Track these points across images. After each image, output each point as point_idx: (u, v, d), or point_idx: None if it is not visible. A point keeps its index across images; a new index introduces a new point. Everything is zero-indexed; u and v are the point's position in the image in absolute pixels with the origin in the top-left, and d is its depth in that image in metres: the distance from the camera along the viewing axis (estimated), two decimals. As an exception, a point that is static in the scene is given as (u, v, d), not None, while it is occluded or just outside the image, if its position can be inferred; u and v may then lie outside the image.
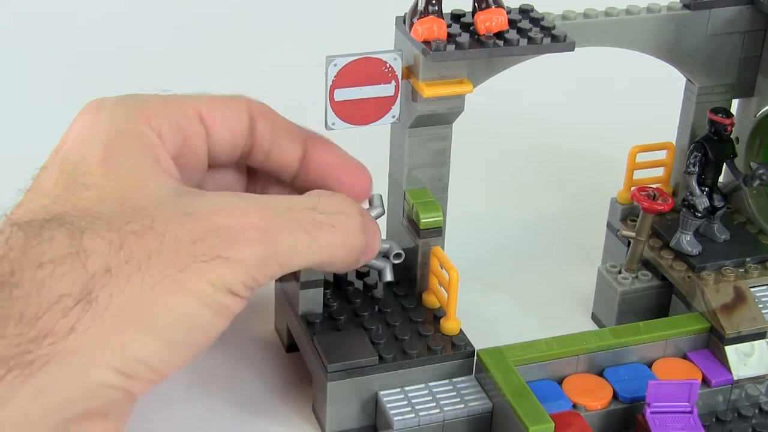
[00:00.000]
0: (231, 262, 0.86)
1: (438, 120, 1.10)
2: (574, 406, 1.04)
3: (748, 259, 1.18)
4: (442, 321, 1.08)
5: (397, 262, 1.09)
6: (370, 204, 1.08)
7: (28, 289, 0.80)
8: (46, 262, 0.81)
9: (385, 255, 1.09)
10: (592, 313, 1.24)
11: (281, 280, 1.14)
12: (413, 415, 1.02)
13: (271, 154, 1.03)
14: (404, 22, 1.06)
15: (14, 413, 0.78)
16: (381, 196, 1.09)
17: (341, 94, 1.04)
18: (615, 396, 1.06)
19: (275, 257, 0.89)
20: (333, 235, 0.94)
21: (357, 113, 1.06)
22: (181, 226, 0.86)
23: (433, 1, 1.03)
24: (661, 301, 1.19)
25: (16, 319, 0.79)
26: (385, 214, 1.17)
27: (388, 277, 1.11)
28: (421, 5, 1.04)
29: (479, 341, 1.08)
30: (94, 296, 0.81)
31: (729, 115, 1.16)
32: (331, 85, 1.03)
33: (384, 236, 1.16)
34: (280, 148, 1.03)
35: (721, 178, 1.21)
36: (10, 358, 0.78)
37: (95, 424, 0.83)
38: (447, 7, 1.06)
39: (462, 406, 1.03)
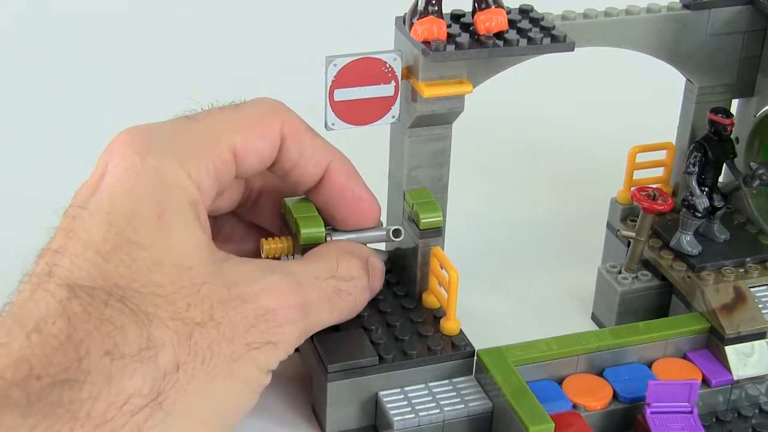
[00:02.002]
0: (277, 346, 0.91)
1: (438, 120, 1.10)
2: (574, 406, 1.04)
3: (748, 259, 1.18)
4: (442, 321, 1.08)
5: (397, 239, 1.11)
6: (396, 236, 1.10)
7: (100, 385, 0.78)
8: (117, 356, 0.80)
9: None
10: (592, 313, 1.24)
11: None
12: (413, 415, 1.02)
13: (291, 172, 1.05)
14: (404, 22, 1.06)
15: None
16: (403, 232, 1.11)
17: (341, 94, 1.04)
18: (615, 396, 1.06)
19: (306, 331, 0.96)
20: (348, 301, 1.01)
21: (357, 113, 1.06)
22: (235, 312, 0.88)
23: (433, 2, 1.03)
24: (661, 301, 1.19)
25: (82, 420, 0.77)
26: (385, 214, 1.17)
27: None
28: (421, 5, 1.04)
29: (479, 341, 1.08)
30: (163, 397, 0.82)
31: (729, 115, 1.16)
32: (330, 85, 1.03)
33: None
34: (302, 170, 1.05)
35: (721, 178, 1.21)
36: None
37: None
38: (447, 7, 1.06)
39: (462, 406, 1.03)
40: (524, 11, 1.10)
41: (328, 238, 1.08)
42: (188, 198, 0.92)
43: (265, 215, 1.12)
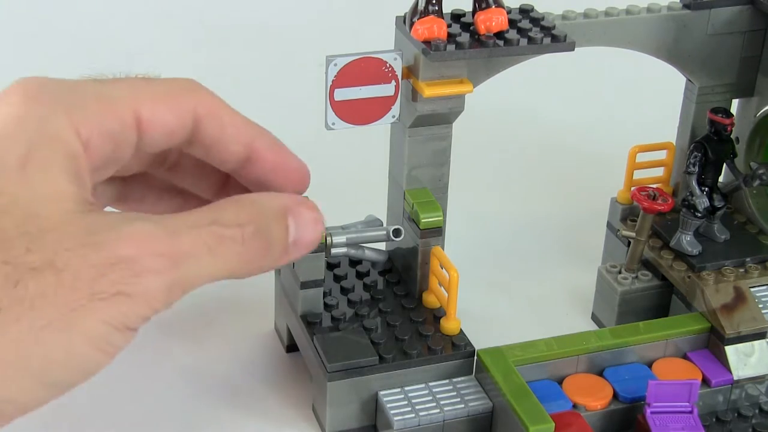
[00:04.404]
0: (133, 298, 0.83)
1: (438, 120, 1.10)
2: (574, 406, 1.04)
3: (748, 259, 1.18)
4: (442, 321, 1.08)
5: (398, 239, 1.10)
6: (396, 235, 1.10)
7: None
8: None
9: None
10: (592, 313, 1.24)
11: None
12: (413, 415, 1.02)
13: (211, 151, 0.99)
14: (404, 21, 1.06)
15: None
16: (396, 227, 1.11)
17: (341, 94, 1.04)
18: (615, 396, 1.06)
19: (179, 284, 0.86)
20: (233, 249, 0.91)
21: (357, 113, 1.06)
22: (82, 260, 0.82)
23: (434, 1, 1.03)
24: (661, 301, 1.19)
25: None
26: (385, 214, 1.17)
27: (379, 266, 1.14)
28: (422, 5, 1.04)
29: (479, 341, 1.08)
30: None
31: (729, 115, 1.16)
32: (331, 85, 1.03)
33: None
34: (223, 149, 0.99)
35: (721, 178, 1.21)
36: None
37: None
38: (447, 7, 1.06)
39: (462, 406, 1.03)
40: (524, 11, 1.10)
41: (329, 239, 1.08)
42: (66, 151, 0.88)
43: (186, 178, 1.07)
